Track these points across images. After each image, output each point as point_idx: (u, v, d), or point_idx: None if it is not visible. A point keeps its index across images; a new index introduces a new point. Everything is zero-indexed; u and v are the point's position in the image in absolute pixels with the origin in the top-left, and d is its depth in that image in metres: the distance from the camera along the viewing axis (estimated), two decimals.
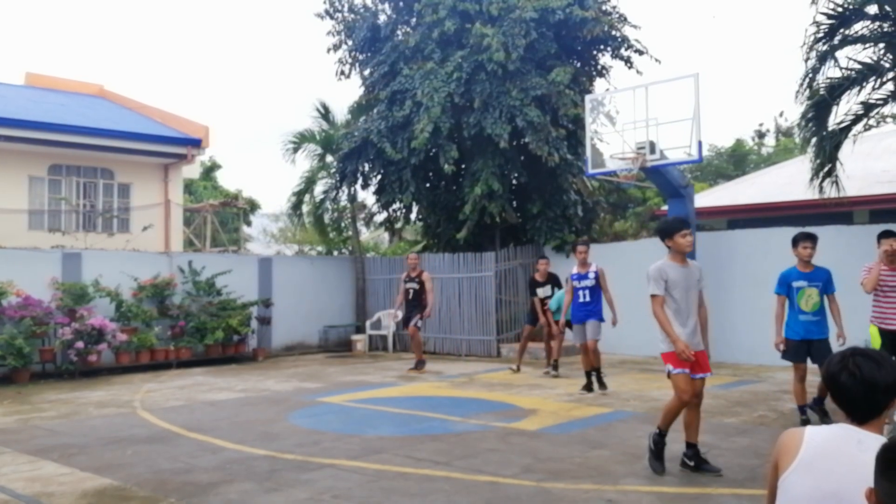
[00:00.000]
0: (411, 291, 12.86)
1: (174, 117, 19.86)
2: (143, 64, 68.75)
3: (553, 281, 12.45)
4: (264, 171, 58.16)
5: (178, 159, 18.90)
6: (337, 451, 6.86)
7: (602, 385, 10.17)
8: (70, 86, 22.08)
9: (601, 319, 10.38)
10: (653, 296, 5.92)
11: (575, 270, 10.54)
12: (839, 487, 2.31)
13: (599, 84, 16.84)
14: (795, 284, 7.75)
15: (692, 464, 5.95)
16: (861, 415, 2.43)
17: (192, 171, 20.92)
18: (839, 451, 2.35)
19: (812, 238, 7.78)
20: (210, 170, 32.36)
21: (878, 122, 18.79)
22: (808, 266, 7.78)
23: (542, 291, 12.38)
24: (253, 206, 30.82)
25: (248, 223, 31.99)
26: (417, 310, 12.82)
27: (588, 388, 10.13)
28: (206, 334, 14.06)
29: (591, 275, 10.35)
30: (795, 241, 7.83)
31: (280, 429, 8.01)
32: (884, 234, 7.61)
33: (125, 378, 12.44)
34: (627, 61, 15.94)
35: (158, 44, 73.58)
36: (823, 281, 7.74)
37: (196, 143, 18.79)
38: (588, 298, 10.31)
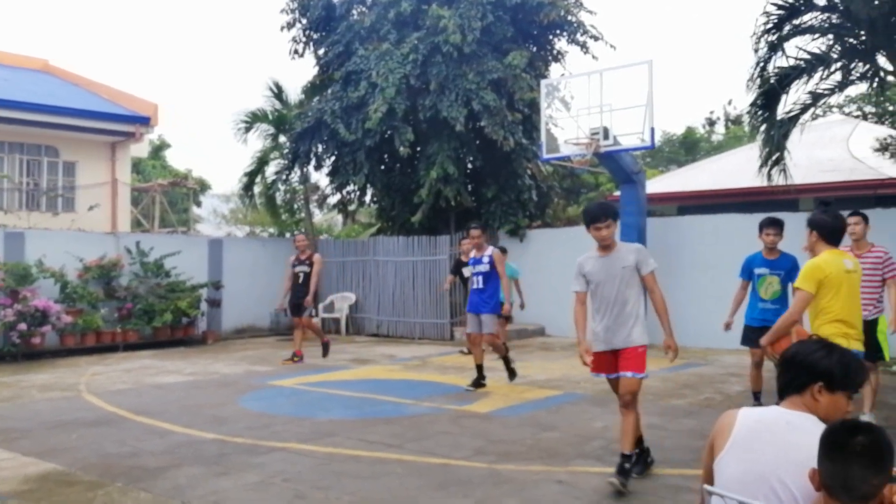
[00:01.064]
0: (301, 276, 11.70)
1: (122, 94, 19.36)
2: (91, 39, 66.88)
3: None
4: (215, 150, 57.22)
5: (126, 137, 18.46)
6: (288, 434, 6.81)
7: (512, 374, 9.36)
8: (13, 60, 21.33)
9: (497, 313, 9.35)
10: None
11: (472, 254, 9.46)
12: (768, 469, 2.37)
13: (555, 69, 16.92)
14: (757, 271, 7.61)
15: (629, 475, 5.21)
16: (784, 392, 2.57)
17: (140, 149, 20.48)
18: (769, 432, 2.42)
19: (776, 224, 7.56)
20: (159, 149, 31.72)
21: (825, 112, 19.26)
22: (774, 253, 7.55)
23: (467, 271, 12.41)
24: (203, 186, 30.34)
25: (198, 204, 31.46)
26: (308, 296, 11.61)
27: (478, 383, 9.14)
28: (155, 317, 13.79)
29: (486, 259, 9.18)
30: (761, 228, 7.65)
31: (230, 412, 7.91)
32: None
33: (70, 361, 12.14)
34: (583, 46, 16.00)
35: (106, 18, 71.63)
36: (786, 269, 7.37)
37: (144, 122, 18.37)
38: (482, 285, 9.14)
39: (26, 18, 67.04)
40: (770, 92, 10.41)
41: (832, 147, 17.32)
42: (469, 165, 16.01)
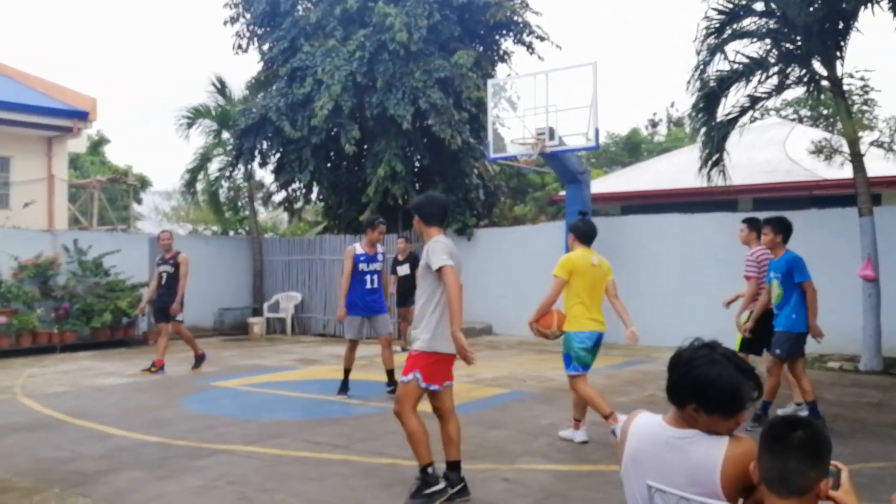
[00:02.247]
0: (164, 276, 10.74)
1: (59, 88, 18.79)
2: (26, 32, 64.74)
3: (412, 260, 12.22)
4: (156, 146, 56.02)
5: (63, 132, 17.92)
6: (232, 436, 6.70)
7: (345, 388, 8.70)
8: None
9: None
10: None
11: (361, 250, 8.68)
12: (650, 490, 2.40)
13: (501, 69, 17.03)
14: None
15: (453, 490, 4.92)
16: (669, 395, 2.44)
17: (78, 145, 19.88)
18: (650, 454, 2.42)
19: (769, 223, 7.02)
20: (98, 144, 30.89)
21: (763, 115, 19.78)
22: (777, 253, 6.98)
23: (401, 270, 12.46)
24: (143, 182, 29.65)
25: (139, 201, 30.76)
26: (174, 299, 10.66)
27: (343, 388, 8.67)
28: (94, 317, 13.43)
29: (381, 257, 8.86)
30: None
31: (172, 414, 7.76)
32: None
33: (4, 363, 11.73)
34: (529, 47, 16.14)
35: (43, 10, 69.42)
36: (782, 272, 6.88)
37: (82, 116, 17.86)
38: (377, 285, 8.71)
39: None
40: (710, 95, 10.65)
41: (770, 149, 17.82)
42: (416, 164, 16.01)
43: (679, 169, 18.69)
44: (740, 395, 2.31)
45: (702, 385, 2.31)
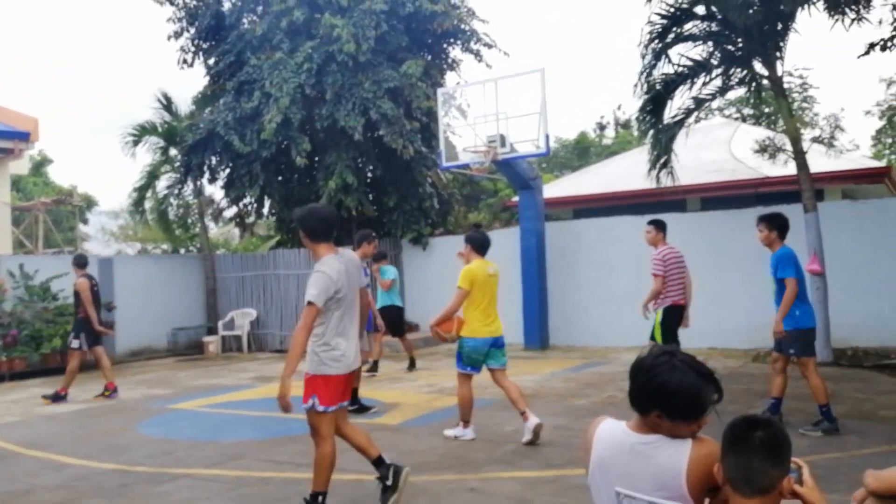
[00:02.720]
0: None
1: None
2: None
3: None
4: (101, 165, 54.86)
5: (5, 154, 17.45)
6: (192, 459, 6.58)
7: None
8: None
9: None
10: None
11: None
12: (618, 497, 2.43)
13: (450, 77, 17.08)
14: None
15: (389, 483, 4.98)
16: (632, 401, 2.46)
17: (20, 166, 19.35)
18: (614, 460, 2.45)
19: (762, 220, 7.13)
20: (40, 165, 30.16)
21: (707, 115, 20.18)
22: (774, 249, 6.98)
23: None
24: (89, 202, 29.04)
25: (85, 221, 30.09)
26: (81, 325, 10.26)
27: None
28: (43, 343, 13.08)
29: (367, 272, 8.97)
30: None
31: (129, 440, 7.59)
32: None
33: None
34: (477, 55, 16.23)
35: None
36: (772, 267, 6.91)
37: (24, 137, 17.41)
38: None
39: None
40: (657, 97, 10.85)
41: (715, 148, 18.18)
42: (369, 175, 15.96)
43: (628, 171, 18.95)
44: (701, 400, 2.35)
45: (664, 392, 2.35)
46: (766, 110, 27.80)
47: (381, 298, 11.56)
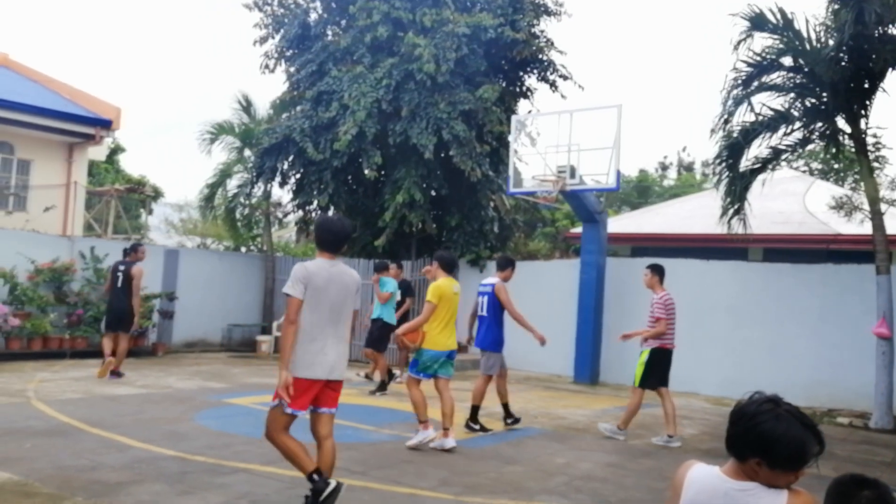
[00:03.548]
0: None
1: (84, 95, 18.99)
2: (54, 36, 65.46)
3: (404, 287, 12.41)
4: (167, 158, 56.34)
5: (86, 139, 18.08)
6: (250, 455, 6.72)
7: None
8: None
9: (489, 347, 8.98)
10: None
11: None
12: None
13: (523, 104, 17.22)
14: None
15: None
16: (729, 447, 2.44)
17: (98, 152, 20.05)
18: None
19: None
20: (113, 152, 31.10)
21: (776, 167, 19.94)
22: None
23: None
24: (157, 193, 29.79)
25: (150, 212, 30.87)
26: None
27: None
28: None
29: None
30: None
31: (187, 429, 7.78)
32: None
33: (15, 365, 11.76)
34: (553, 85, 16.33)
35: (72, 16, 70.26)
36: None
37: (106, 124, 18.03)
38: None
39: None
40: (734, 145, 10.78)
41: (782, 199, 17.92)
42: (434, 193, 16.11)
43: (690, 214, 18.81)
44: (805, 451, 2.35)
45: (768, 441, 2.35)
46: (836, 166, 27.35)
47: (375, 310, 11.66)
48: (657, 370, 8.43)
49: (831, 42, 10.08)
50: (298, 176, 16.37)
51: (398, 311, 12.07)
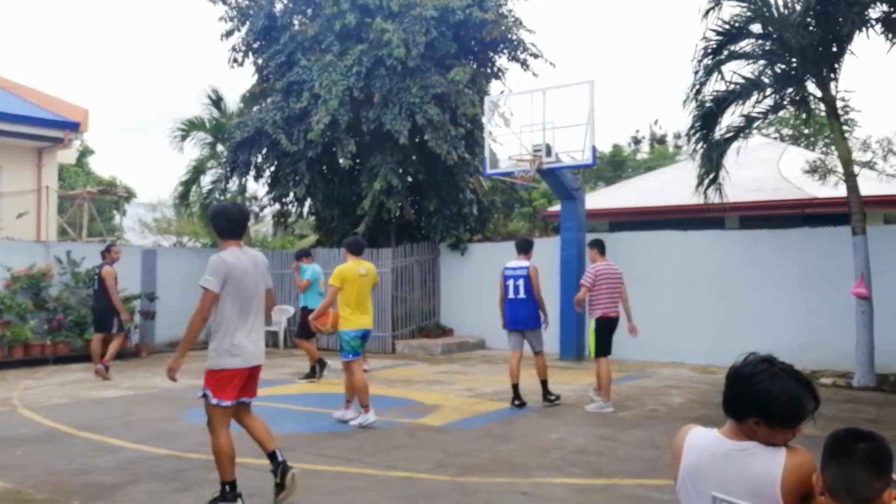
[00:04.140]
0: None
1: (50, 98, 18.66)
2: (16, 40, 64.21)
3: None
4: (138, 158, 55.67)
5: (54, 143, 17.77)
6: (243, 449, 6.58)
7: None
8: None
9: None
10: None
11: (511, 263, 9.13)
12: (714, 501, 2.47)
13: (495, 85, 17.19)
14: None
15: (277, 481, 5.09)
16: (727, 409, 2.50)
17: (68, 156, 19.75)
18: (708, 467, 2.48)
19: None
20: (82, 155, 30.67)
21: (748, 135, 20.07)
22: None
23: None
24: (130, 194, 29.46)
25: (124, 213, 30.54)
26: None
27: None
28: (86, 329, 13.32)
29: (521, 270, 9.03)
30: None
31: (178, 427, 7.75)
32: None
33: None
34: (524, 64, 16.30)
35: (33, 19, 68.94)
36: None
37: (74, 127, 17.74)
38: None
39: None
40: (708, 114, 10.84)
41: (755, 167, 18.05)
42: (411, 178, 16.06)
43: (666, 186, 18.88)
44: (801, 408, 2.40)
45: (765, 400, 2.39)
46: (806, 131, 27.60)
47: (301, 298, 11.68)
48: (607, 338, 8.79)
49: (798, 7, 10.13)
50: (273, 168, 16.24)
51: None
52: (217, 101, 17.14)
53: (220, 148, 17.07)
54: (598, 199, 20.48)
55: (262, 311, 5.17)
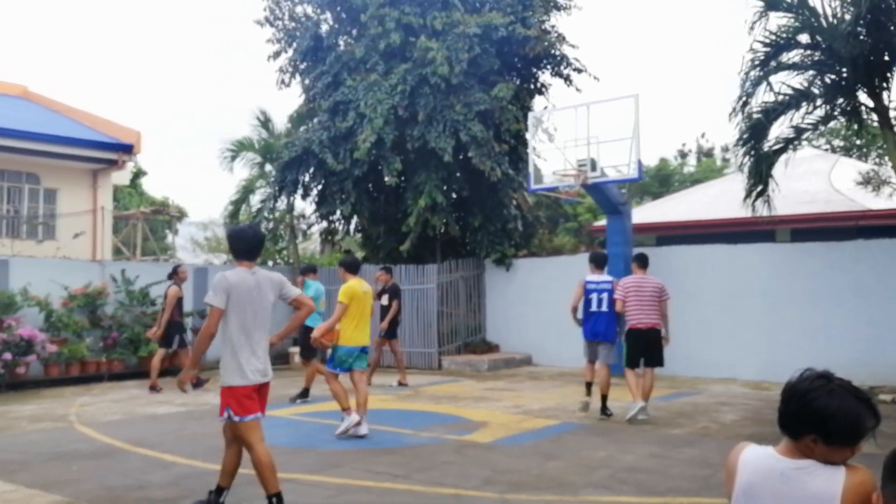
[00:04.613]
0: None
1: (104, 121, 19.26)
2: (67, 64, 66.36)
3: (391, 291, 12.45)
4: (189, 177, 56.85)
5: (109, 165, 18.33)
6: (294, 465, 6.77)
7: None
8: None
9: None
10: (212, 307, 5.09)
11: (590, 278, 9.51)
12: None
13: (538, 101, 17.19)
14: None
15: None
16: (782, 426, 2.42)
17: (121, 177, 20.31)
18: (764, 486, 2.42)
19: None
20: (136, 176, 31.49)
21: (797, 146, 19.72)
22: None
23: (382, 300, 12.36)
24: (182, 214, 30.14)
25: (176, 232, 31.24)
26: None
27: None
28: (140, 346, 13.63)
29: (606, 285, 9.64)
30: None
31: None
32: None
33: (55, 391, 11.95)
34: (567, 79, 16.30)
35: (83, 43, 71.20)
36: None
37: (128, 149, 18.27)
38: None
39: (4, 45, 66.50)
40: (756, 126, 10.68)
41: (806, 179, 17.73)
42: (455, 195, 16.13)
43: (713, 200, 18.65)
44: (861, 425, 2.34)
45: (823, 417, 2.33)
46: (858, 142, 26.98)
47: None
48: (632, 349, 9.04)
49: (847, 17, 9.95)
50: (320, 187, 16.46)
51: (388, 315, 12.21)
52: (265, 122, 17.47)
53: (268, 167, 17.39)
54: (645, 213, 20.30)
55: (267, 331, 5.37)
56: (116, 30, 72.13)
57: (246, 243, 5.27)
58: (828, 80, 10.65)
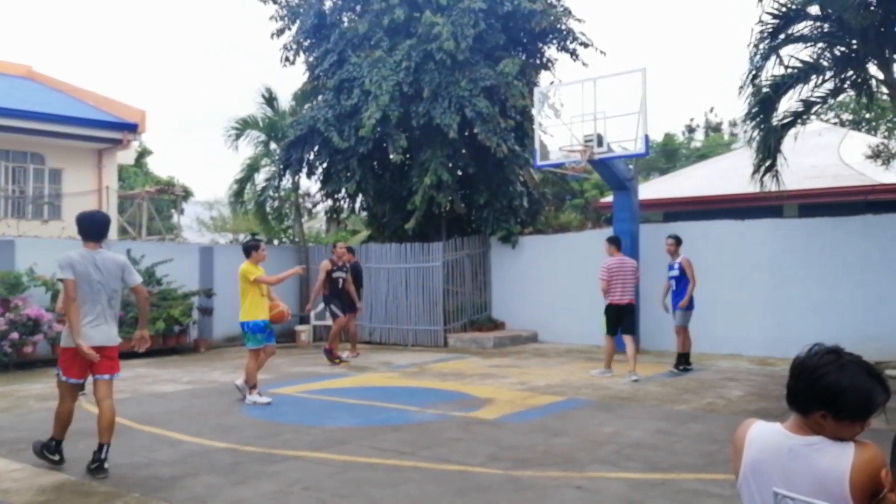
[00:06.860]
0: (340, 281, 12.95)
1: (109, 101, 19.21)
2: (71, 44, 66.16)
3: (350, 269, 13.02)
4: (194, 157, 56.82)
5: (113, 144, 18.31)
6: (299, 442, 6.78)
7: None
8: None
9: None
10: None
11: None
12: (776, 498, 2.37)
13: (544, 76, 17.03)
14: None
15: (93, 466, 5.76)
16: (791, 403, 2.40)
17: (126, 156, 20.30)
18: (772, 463, 2.39)
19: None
20: (141, 155, 31.44)
21: (806, 120, 19.52)
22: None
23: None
24: (187, 193, 30.11)
25: (182, 211, 31.24)
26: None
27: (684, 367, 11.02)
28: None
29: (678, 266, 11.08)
30: None
31: (236, 421, 7.87)
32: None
33: None
34: (573, 54, 16.13)
35: (87, 22, 70.95)
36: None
37: (132, 128, 18.23)
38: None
39: (7, 26, 66.23)
40: (765, 99, 10.55)
41: (815, 153, 17.55)
42: (461, 172, 16.04)
43: (721, 175, 18.51)
44: (872, 400, 2.29)
45: (833, 392, 2.29)
46: (867, 115, 26.70)
47: None
48: (613, 321, 10.45)
49: None
50: (325, 165, 16.38)
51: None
52: (270, 100, 17.35)
53: (273, 146, 17.29)
54: (652, 188, 20.18)
55: (115, 303, 6.10)
56: (121, 8, 71.80)
57: (93, 225, 5.96)
58: (837, 53, 10.50)
